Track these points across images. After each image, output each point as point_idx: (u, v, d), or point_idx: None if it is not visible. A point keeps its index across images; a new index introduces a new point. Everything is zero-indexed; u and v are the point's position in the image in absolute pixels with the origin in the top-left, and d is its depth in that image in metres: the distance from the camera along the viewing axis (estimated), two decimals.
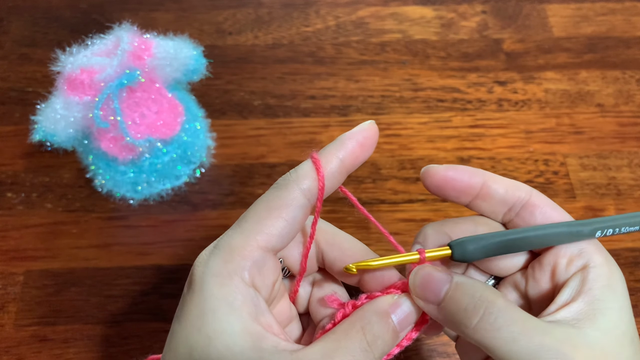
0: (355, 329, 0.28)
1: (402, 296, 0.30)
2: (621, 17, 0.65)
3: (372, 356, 0.28)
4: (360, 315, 0.29)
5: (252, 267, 0.28)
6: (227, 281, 0.28)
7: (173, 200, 0.52)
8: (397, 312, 0.30)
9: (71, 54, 0.45)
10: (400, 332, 0.30)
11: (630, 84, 0.60)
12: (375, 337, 0.28)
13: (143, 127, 0.47)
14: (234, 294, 0.27)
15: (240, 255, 0.28)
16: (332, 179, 0.30)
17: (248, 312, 0.27)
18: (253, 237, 0.28)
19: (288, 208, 0.29)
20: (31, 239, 0.50)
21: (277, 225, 0.29)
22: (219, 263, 0.28)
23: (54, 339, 0.45)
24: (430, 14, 0.65)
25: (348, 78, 0.60)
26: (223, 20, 0.65)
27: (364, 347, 0.28)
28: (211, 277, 0.28)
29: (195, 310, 0.28)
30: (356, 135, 0.30)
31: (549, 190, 0.53)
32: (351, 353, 0.27)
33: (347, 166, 0.30)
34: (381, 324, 0.29)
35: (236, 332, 0.27)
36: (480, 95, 0.59)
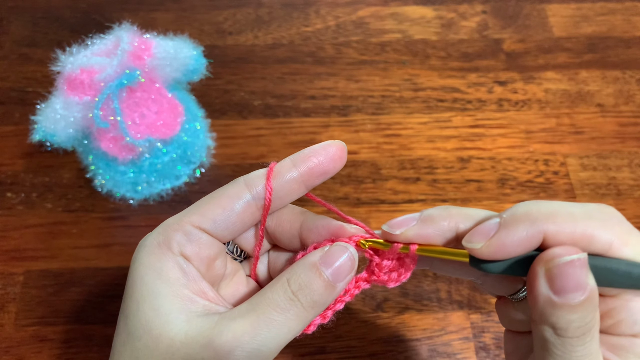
0: (281, 281, 0.29)
1: (336, 245, 0.30)
2: (621, 17, 0.65)
3: (300, 304, 0.28)
4: (288, 269, 0.30)
5: (181, 237, 0.30)
6: (155, 250, 0.29)
7: (173, 200, 0.52)
8: (327, 262, 0.29)
9: (71, 54, 0.45)
10: (335, 282, 0.29)
11: (630, 84, 0.60)
12: (300, 286, 0.28)
13: (143, 127, 0.47)
14: (162, 262, 0.29)
15: (171, 229, 0.30)
16: (287, 187, 0.31)
17: (175, 277, 0.29)
18: (187, 216, 0.30)
19: (228, 199, 0.30)
20: (31, 239, 0.50)
21: (212, 210, 0.30)
22: (152, 236, 0.30)
23: (54, 339, 0.45)
24: (430, 14, 0.65)
25: (348, 78, 0.60)
26: (223, 20, 0.65)
27: (288, 297, 0.28)
28: (142, 249, 0.30)
29: (129, 282, 0.29)
30: (320, 151, 0.31)
31: (549, 191, 0.53)
32: (275, 303, 0.28)
33: (304, 179, 0.31)
34: (307, 274, 0.29)
35: (163, 294, 0.28)
36: (481, 95, 0.59)
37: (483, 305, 0.47)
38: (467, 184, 0.53)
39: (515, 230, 0.26)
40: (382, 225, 0.30)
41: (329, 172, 0.31)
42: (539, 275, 0.25)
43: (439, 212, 0.30)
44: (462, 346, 0.45)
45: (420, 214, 0.30)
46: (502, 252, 0.26)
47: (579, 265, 0.25)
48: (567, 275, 0.24)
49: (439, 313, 0.46)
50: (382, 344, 0.45)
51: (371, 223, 0.51)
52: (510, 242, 0.26)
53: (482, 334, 0.46)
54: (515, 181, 0.53)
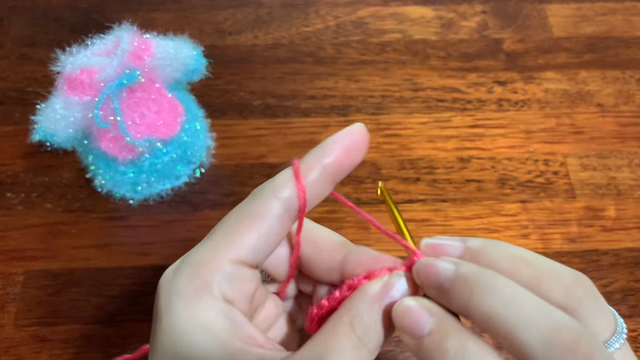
0: (343, 324, 0.25)
1: (394, 275, 0.27)
2: (621, 17, 0.65)
3: (366, 350, 0.25)
4: (348, 307, 0.26)
5: (222, 281, 0.25)
6: (194, 299, 0.25)
7: (173, 200, 0.52)
8: (390, 296, 0.26)
9: (71, 54, 0.45)
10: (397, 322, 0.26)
11: (630, 84, 0.60)
12: (366, 329, 0.25)
13: (143, 127, 0.47)
14: (204, 313, 0.25)
15: (208, 270, 0.25)
16: (316, 187, 0.27)
17: (223, 329, 0.25)
18: (222, 250, 0.26)
19: (262, 219, 0.26)
20: (31, 239, 0.50)
21: (248, 238, 0.26)
22: (184, 281, 0.25)
23: (54, 339, 0.45)
24: (430, 14, 0.65)
25: (348, 78, 0.60)
26: (223, 20, 0.64)
27: (355, 344, 0.25)
28: (177, 297, 0.25)
29: (165, 338, 0.25)
30: (342, 139, 0.28)
31: (549, 191, 0.53)
32: (341, 353, 0.25)
33: (332, 173, 0.27)
34: (371, 314, 0.25)
35: (213, 351, 0.24)
36: (480, 95, 0.59)
37: None
38: (467, 184, 0.53)
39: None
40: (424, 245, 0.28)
41: (356, 161, 0.28)
42: None
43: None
44: None
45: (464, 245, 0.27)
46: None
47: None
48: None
49: None
50: None
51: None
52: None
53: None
54: (515, 181, 0.53)
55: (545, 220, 0.51)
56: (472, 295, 0.24)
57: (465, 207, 0.52)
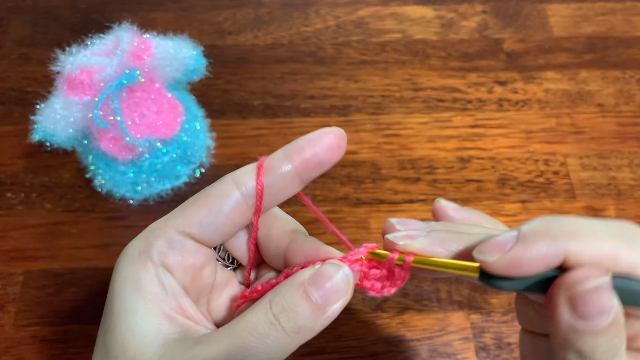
0: (263, 302, 0.26)
1: (328, 264, 0.27)
2: (621, 17, 0.65)
3: (281, 329, 0.25)
4: (275, 289, 0.27)
5: (162, 246, 0.27)
6: (135, 260, 0.27)
7: (173, 200, 0.52)
8: (318, 283, 0.26)
9: (71, 53, 0.45)
10: (326, 306, 0.26)
11: (630, 84, 0.60)
12: (283, 308, 0.25)
13: (143, 127, 0.47)
14: (140, 273, 0.27)
15: (154, 236, 0.27)
16: (281, 183, 0.28)
17: (154, 292, 0.27)
18: (172, 220, 0.28)
19: (215, 199, 0.28)
20: (31, 239, 0.50)
21: (198, 213, 0.28)
22: (134, 244, 0.28)
23: (54, 339, 0.45)
24: (430, 14, 0.65)
25: (348, 78, 0.60)
26: (223, 20, 0.64)
27: (269, 320, 0.25)
28: (123, 258, 0.28)
29: (109, 294, 0.28)
30: (314, 140, 0.28)
31: (549, 191, 0.53)
32: (253, 327, 0.25)
33: (299, 172, 0.28)
34: (293, 295, 0.26)
35: (140, 312, 0.26)
36: (481, 95, 0.59)
37: (483, 305, 0.47)
38: (467, 184, 0.53)
39: (534, 246, 0.24)
40: (386, 235, 0.28)
41: (326, 163, 0.28)
42: (560, 301, 0.24)
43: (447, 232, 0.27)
44: (462, 346, 0.45)
45: (428, 227, 0.28)
46: (518, 269, 0.24)
47: (602, 290, 0.23)
48: (591, 301, 0.23)
49: (439, 313, 0.46)
50: (382, 344, 0.45)
51: (371, 223, 0.51)
52: (528, 259, 0.24)
53: (482, 334, 0.45)
54: (516, 181, 0.53)
55: None
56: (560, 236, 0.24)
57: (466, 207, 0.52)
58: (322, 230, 0.48)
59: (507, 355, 0.45)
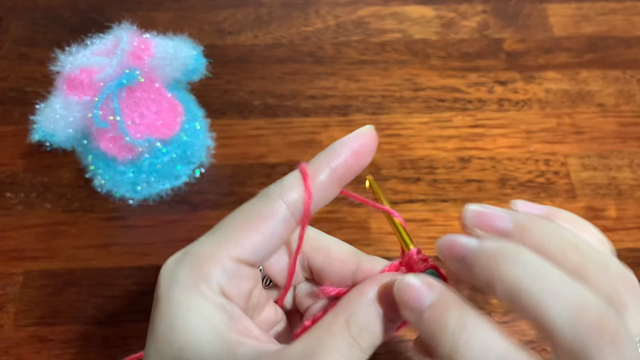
0: (339, 323, 0.26)
1: (391, 278, 0.27)
2: (622, 17, 0.65)
3: (360, 349, 0.26)
4: (345, 306, 0.26)
5: (221, 276, 0.26)
6: (194, 289, 0.26)
7: (173, 200, 0.52)
8: (388, 299, 0.26)
9: (70, 53, 0.44)
10: (395, 321, 0.27)
11: (631, 84, 0.60)
12: (361, 330, 0.26)
13: (142, 127, 0.47)
14: (203, 303, 0.26)
15: (208, 264, 0.26)
16: (323, 190, 0.27)
17: (220, 320, 0.26)
18: (224, 246, 0.26)
19: (267, 221, 0.27)
20: (30, 239, 0.50)
21: (252, 238, 0.27)
22: (185, 271, 0.26)
23: (54, 340, 0.45)
24: (430, 14, 0.65)
25: (348, 78, 0.60)
26: (223, 20, 0.64)
27: (348, 343, 0.25)
28: (177, 286, 0.26)
29: (163, 323, 0.26)
30: (350, 142, 0.28)
31: (550, 191, 0.53)
32: (335, 350, 0.25)
33: (339, 177, 0.28)
34: (368, 315, 0.26)
35: (209, 340, 0.25)
36: (481, 95, 0.59)
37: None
38: (468, 184, 0.53)
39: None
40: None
41: (364, 164, 0.28)
42: None
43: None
44: None
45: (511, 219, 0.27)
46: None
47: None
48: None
49: None
50: (382, 344, 0.45)
51: (371, 223, 0.50)
52: None
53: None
54: (516, 181, 0.53)
55: None
56: (497, 266, 0.24)
57: None
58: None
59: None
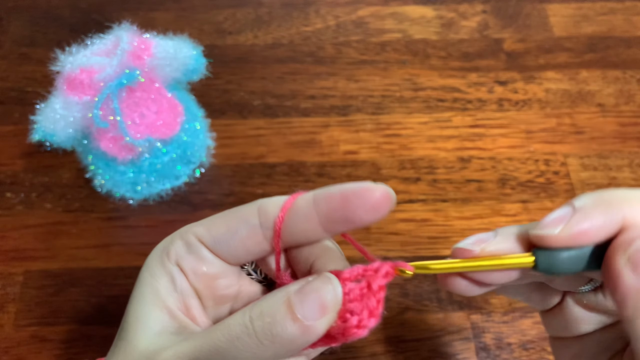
0: (247, 306, 0.26)
1: (319, 277, 0.25)
2: (622, 17, 0.65)
3: (254, 334, 0.24)
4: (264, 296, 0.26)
5: (181, 247, 0.29)
6: (158, 254, 0.29)
7: (173, 200, 0.52)
8: (304, 292, 0.25)
9: (71, 53, 0.44)
10: (309, 319, 0.24)
11: (631, 84, 0.60)
12: (262, 313, 0.24)
13: (143, 127, 0.47)
14: (158, 268, 0.29)
15: (177, 236, 0.29)
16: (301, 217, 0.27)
17: (164, 286, 0.28)
18: (195, 226, 0.29)
19: (236, 220, 0.28)
20: (30, 239, 0.50)
21: (217, 228, 0.28)
22: (162, 241, 0.30)
23: (54, 340, 0.45)
24: (430, 14, 0.65)
25: (348, 78, 0.60)
26: (223, 20, 0.64)
27: (244, 322, 0.24)
28: (152, 252, 0.30)
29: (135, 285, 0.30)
30: (348, 187, 0.26)
31: (550, 191, 0.53)
32: (227, 328, 0.25)
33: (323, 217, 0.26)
34: (275, 302, 0.25)
35: (148, 301, 0.28)
36: (481, 95, 0.59)
37: (483, 305, 0.47)
38: (468, 184, 0.53)
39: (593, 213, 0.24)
40: (455, 246, 0.27)
41: (355, 222, 0.26)
42: (620, 265, 0.23)
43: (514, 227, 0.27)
44: (462, 346, 0.45)
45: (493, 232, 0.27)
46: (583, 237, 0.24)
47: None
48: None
49: (439, 313, 0.46)
50: (382, 344, 0.45)
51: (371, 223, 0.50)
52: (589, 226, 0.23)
53: (482, 335, 0.45)
54: (516, 181, 0.53)
55: None
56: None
57: (466, 207, 0.52)
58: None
59: (507, 356, 0.45)
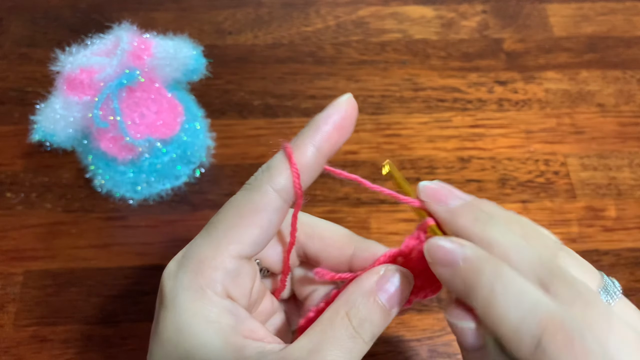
0: (340, 315, 0.26)
1: (388, 269, 0.28)
2: (622, 17, 0.65)
3: (362, 341, 0.26)
4: (345, 299, 0.27)
5: (225, 278, 0.26)
6: (199, 295, 0.26)
7: (173, 200, 0.52)
8: (385, 289, 0.27)
9: (71, 53, 0.44)
10: (391, 309, 0.27)
11: (630, 84, 0.60)
12: (362, 320, 0.26)
13: (143, 127, 0.47)
14: (209, 308, 0.26)
15: (211, 267, 0.26)
16: (309, 168, 0.28)
17: (227, 324, 0.26)
18: (224, 247, 0.27)
19: (262, 213, 0.27)
20: (30, 239, 0.50)
21: (250, 233, 0.27)
22: (190, 276, 0.26)
23: (54, 339, 0.45)
24: (430, 14, 0.65)
25: (348, 78, 0.60)
26: (223, 20, 0.64)
27: (350, 334, 0.26)
28: (182, 291, 0.26)
29: (170, 327, 0.26)
30: (332, 116, 0.28)
31: (550, 191, 0.53)
32: (338, 343, 0.26)
33: (324, 153, 0.28)
34: (367, 306, 0.27)
35: (216, 345, 0.25)
36: (481, 95, 0.59)
37: None
38: (468, 184, 0.53)
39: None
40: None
41: (347, 135, 0.28)
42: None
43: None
44: None
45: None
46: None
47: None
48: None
49: (439, 313, 0.46)
50: (382, 344, 0.45)
51: (371, 223, 0.51)
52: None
53: None
54: (516, 181, 0.53)
55: (545, 220, 0.51)
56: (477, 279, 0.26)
57: None
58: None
59: None
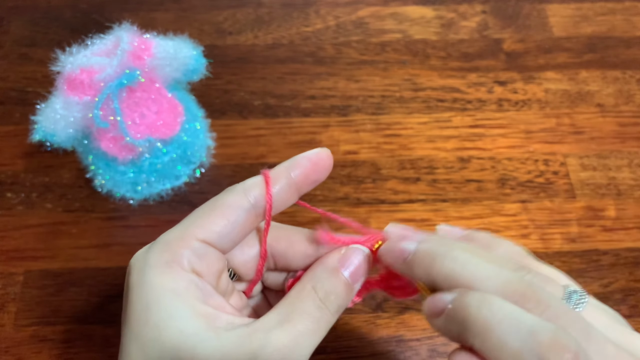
0: (307, 289, 0.29)
1: (349, 248, 0.31)
2: (621, 17, 0.65)
3: (328, 311, 0.29)
4: (310, 275, 0.30)
5: (192, 256, 0.28)
6: (166, 269, 0.28)
7: (173, 200, 0.52)
8: (347, 265, 0.31)
9: (71, 53, 0.44)
10: (354, 284, 0.31)
11: (630, 84, 0.60)
12: (327, 293, 0.29)
13: (143, 127, 0.47)
14: (176, 281, 0.27)
15: (178, 246, 0.28)
16: (282, 195, 0.31)
17: (194, 295, 0.28)
18: (192, 230, 0.29)
19: (232, 209, 0.30)
20: (31, 239, 0.50)
21: (217, 223, 0.29)
22: (156, 255, 0.28)
23: (54, 339, 0.45)
24: (430, 14, 0.65)
25: (348, 78, 0.60)
26: (223, 20, 0.64)
27: (317, 305, 0.29)
28: (149, 268, 0.28)
29: (138, 306, 0.27)
30: (310, 156, 0.32)
31: (549, 191, 0.53)
32: (306, 312, 0.28)
33: (298, 185, 0.31)
34: (331, 280, 0.30)
35: (186, 315, 0.27)
36: (481, 95, 0.59)
37: None
38: (467, 184, 0.53)
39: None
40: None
41: (320, 178, 0.32)
42: None
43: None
44: None
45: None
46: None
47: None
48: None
49: None
50: (382, 344, 0.45)
51: (371, 223, 0.51)
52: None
53: None
54: (516, 181, 0.53)
55: (545, 220, 0.51)
56: (433, 262, 0.27)
57: (466, 207, 0.52)
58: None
59: None
